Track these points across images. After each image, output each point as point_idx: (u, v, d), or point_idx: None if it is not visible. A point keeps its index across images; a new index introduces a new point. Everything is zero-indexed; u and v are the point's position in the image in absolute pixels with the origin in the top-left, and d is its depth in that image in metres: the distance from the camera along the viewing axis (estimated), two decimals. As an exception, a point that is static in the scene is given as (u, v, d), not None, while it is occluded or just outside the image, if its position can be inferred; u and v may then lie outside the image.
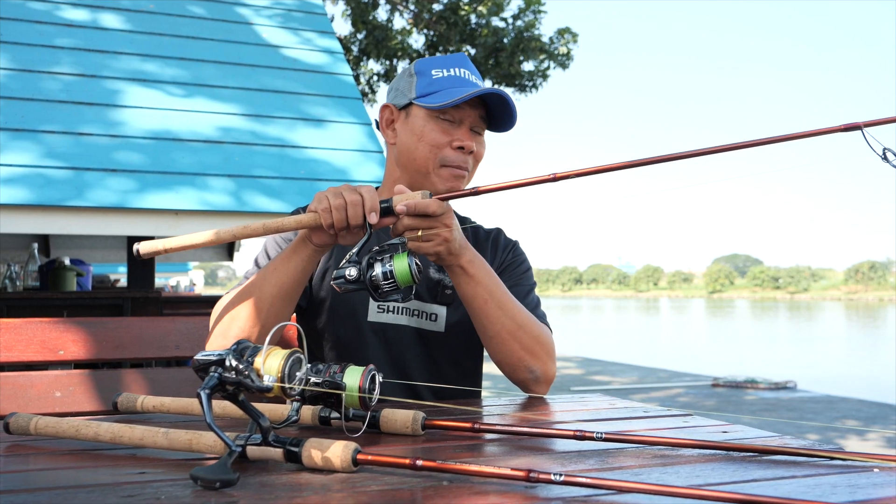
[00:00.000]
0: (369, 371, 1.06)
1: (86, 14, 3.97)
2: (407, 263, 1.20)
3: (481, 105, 1.54)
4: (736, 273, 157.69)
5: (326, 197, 1.24)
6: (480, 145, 1.57)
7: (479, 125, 1.56)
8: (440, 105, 1.49)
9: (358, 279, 1.19)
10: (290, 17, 4.57)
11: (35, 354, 1.83)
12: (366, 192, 1.24)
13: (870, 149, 1.15)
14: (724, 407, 8.37)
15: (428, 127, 1.53)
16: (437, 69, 1.56)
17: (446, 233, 1.30)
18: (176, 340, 1.94)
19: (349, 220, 1.23)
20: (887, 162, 1.14)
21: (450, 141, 1.52)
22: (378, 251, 1.22)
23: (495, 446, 1.06)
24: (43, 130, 3.12)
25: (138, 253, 1.24)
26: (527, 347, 1.46)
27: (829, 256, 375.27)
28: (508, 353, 1.46)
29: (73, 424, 1.03)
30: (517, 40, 10.31)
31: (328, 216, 1.23)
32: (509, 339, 1.45)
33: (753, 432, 1.15)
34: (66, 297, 3.66)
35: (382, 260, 1.20)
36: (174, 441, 0.96)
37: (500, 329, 1.44)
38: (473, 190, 1.29)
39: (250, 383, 0.86)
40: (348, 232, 1.25)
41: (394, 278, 1.19)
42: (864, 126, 1.16)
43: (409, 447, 1.04)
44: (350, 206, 1.22)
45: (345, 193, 1.24)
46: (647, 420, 1.27)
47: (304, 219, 1.24)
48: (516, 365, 1.47)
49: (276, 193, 3.18)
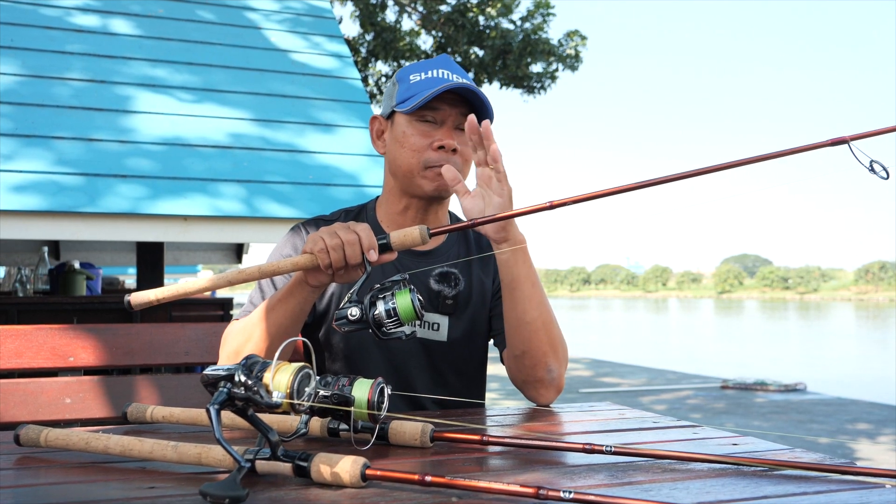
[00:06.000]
0: (378, 384, 1.06)
1: (96, 20, 3.99)
2: (410, 300, 1.19)
3: (463, 103, 1.52)
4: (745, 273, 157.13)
5: (322, 237, 1.22)
6: (464, 143, 1.53)
7: (463, 122, 1.51)
8: (412, 107, 1.49)
9: (360, 319, 1.18)
10: (298, 21, 4.58)
11: (45, 361, 1.84)
12: (362, 230, 1.23)
13: (857, 162, 1.16)
14: (734, 409, 8.33)
15: (409, 131, 1.52)
16: (416, 73, 1.54)
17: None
18: (186, 347, 1.95)
19: (347, 260, 1.22)
20: (874, 174, 1.16)
21: (430, 142, 1.51)
22: (380, 289, 1.20)
23: (504, 460, 1.05)
24: (54, 136, 3.14)
25: (129, 304, 1.23)
26: (553, 344, 1.48)
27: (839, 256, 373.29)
28: (537, 346, 1.46)
29: (83, 437, 1.03)
30: (525, 42, 10.29)
31: (325, 257, 1.22)
32: (541, 331, 1.46)
33: (763, 444, 1.14)
34: (76, 301, 3.68)
35: (385, 298, 1.19)
36: (183, 455, 0.96)
37: (537, 317, 1.45)
38: (470, 222, 1.28)
39: (259, 399, 0.86)
40: (346, 271, 1.24)
41: (397, 315, 1.18)
42: (850, 140, 1.18)
43: (417, 461, 1.04)
44: (347, 246, 1.21)
45: (340, 233, 1.22)
46: (657, 431, 1.26)
47: (300, 260, 1.23)
48: (539, 360, 1.47)
49: (287, 199, 3.18)
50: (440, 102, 1.50)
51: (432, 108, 1.51)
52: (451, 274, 1.60)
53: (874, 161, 1.18)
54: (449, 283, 1.59)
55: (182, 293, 1.26)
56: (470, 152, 1.55)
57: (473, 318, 1.62)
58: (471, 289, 1.62)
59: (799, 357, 17.87)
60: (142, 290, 1.26)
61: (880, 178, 1.19)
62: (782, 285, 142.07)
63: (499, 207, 1.37)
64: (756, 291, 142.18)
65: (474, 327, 1.62)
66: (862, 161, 1.18)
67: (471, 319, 1.61)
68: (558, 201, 1.21)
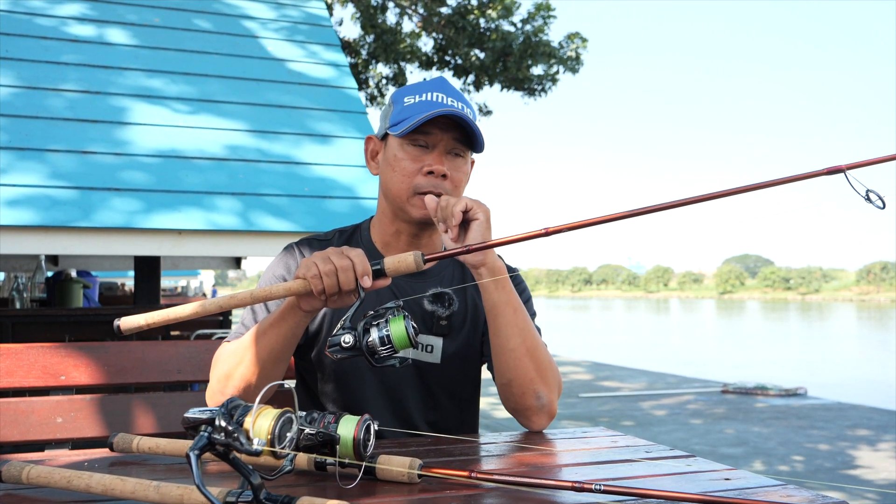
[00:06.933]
0: (364, 421, 1.05)
1: (92, 29, 3.97)
2: (404, 327, 1.18)
3: (456, 127, 1.50)
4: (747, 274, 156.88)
5: (315, 263, 1.21)
6: (456, 169, 1.52)
7: (456, 148, 1.51)
8: (401, 131, 1.47)
9: (354, 346, 1.17)
10: (295, 29, 4.56)
11: (36, 380, 1.83)
12: (355, 256, 1.22)
13: (853, 191, 1.16)
14: (734, 415, 8.32)
15: (400, 155, 1.51)
16: (410, 96, 1.52)
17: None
18: (178, 365, 1.94)
19: (340, 286, 1.21)
20: (871, 203, 1.16)
21: (420, 167, 1.49)
22: (373, 316, 1.19)
23: (493, 498, 1.04)
24: (48, 149, 3.12)
25: (119, 329, 1.23)
26: (540, 371, 1.45)
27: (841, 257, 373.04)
28: (523, 373, 1.44)
29: (65, 475, 1.02)
30: (526, 45, 10.27)
31: (318, 282, 1.20)
32: (526, 357, 1.44)
33: (755, 480, 1.13)
34: (71, 313, 3.67)
35: (378, 325, 1.17)
36: (165, 496, 0.95)
37: (520, 343, 1.43)
38: (465, 248, 1.27)
39: (239, 446, 0.84)
40: (339, 297, 1.23)
41: (391, 343, 1.17)
42: (846, 169, 1.18)
43: (405, 498, 1.03)
44: (340, 272, 1.20)
45: (333, 258, 1.21)
46: (649, 464, 1.25)
47: (293, 286, 1.22)
48: (526, 387, 1.45)
49: (283, 212, 3.17)
50: (432, 127, 1.48)
51: (424, 133, 1.49)
52: (445, 294, 1.58)
53: (870, 191, 1.17)
54: (443, 303, 1.57)
55: (172, 318, 1.25)
56: (461, 178, 1.54)
57: (467, 340, 1.61)
58: (465, 310, 1.61)
59: (800, 359, 17.85)
60: (132, 315, 1.25)
61: (876, 208, 1.19)
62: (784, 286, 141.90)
63: (478, 231, 1.36)
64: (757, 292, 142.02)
65: (468, 349, 1.61)
66: (858, 191, 1.17)
67: (465, 341, 1.60)
68: (553, 228, 1.21)
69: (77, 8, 4.08)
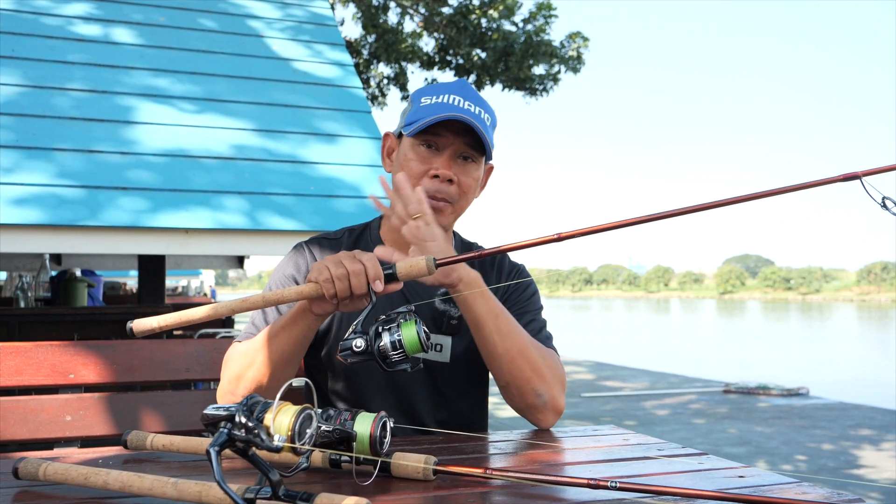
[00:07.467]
0: (381, 419, 1.05)
1: (98, 29, 3.98)
2: (416, 331, 1.18)
3: (468, 132, 1.48)
4: (747, 274, 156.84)
5: (327, 267, 1.21)
6: (465, 174, 1.51)
7: (466, 152, 1.50)
8: (411, 132, 1.48)
9: (365, 350, 1.17)
10: (300, 29, 4.57)
11: (45, 378, 1.83)
12: (367, 260, 1.21)
13: (869, 197, 1.15)
14: (737, 415, 8.32)
15: (409, 155, 1.51)
16: (428, 96, 1.52)
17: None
18: (186, 363, 1.94)
19: (352, 290, 1.20)
20: (887, 210, 1.15)
21: (427, 169, 1.49)
22: (385, 320, 1.19)
23: (507, 496, 1.04)
24: (55, 148, 3.13)
25: (131, 331, 1.22)
26: (536, 369, 1.45)
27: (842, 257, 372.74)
28: (518, 374, 1.44)
29: (82, 472, 1.02)
30: (527, 44, 10.27)
31: (330, 287, 1.20)
32: (518, 359, 1.43)
33: (770, 477, 1.13)
34: (77, 312, 3.67)
35: (390, 329, 1.18)
36: (183, 492, 0.95)
37: (510, 346, 1.43)
38: (478, 253, 1.27)
39: (260, 442, 0.85)
40: (351, 301, 1.23)
41: (403, 348, 1.17)
42: (862, 175, 1.16)
43: (420, 496, 1.03)
44: (352, 276, 1.19)
45: (345, 262, 1.20)
46: (662, 461, 1.25)
47: (304, 289, 1.22)
48: (524, 387, 1.45)
49: (289, 211, 3.17)
50: (444, 129, 1.48)
51: (435, 135, 1.49)
52: None
53: (886, 198, 1.16)
54: (454, 302, 1.57)
55: (184, 321, 1.25)
56: (470, 183, 1.53)
57: None
58: None
59: (801, 359, 17.84)
60: (144, 318, 1.25)
61: (893, 215, 1.17)
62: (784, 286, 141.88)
63: (439, 251, 1.35)
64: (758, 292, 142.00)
65: (477, 348, 1.61)
66: (874, 197, 1.16)
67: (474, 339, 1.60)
68: (566, 234, 1.21)
69: (83, 7, 4.09)
